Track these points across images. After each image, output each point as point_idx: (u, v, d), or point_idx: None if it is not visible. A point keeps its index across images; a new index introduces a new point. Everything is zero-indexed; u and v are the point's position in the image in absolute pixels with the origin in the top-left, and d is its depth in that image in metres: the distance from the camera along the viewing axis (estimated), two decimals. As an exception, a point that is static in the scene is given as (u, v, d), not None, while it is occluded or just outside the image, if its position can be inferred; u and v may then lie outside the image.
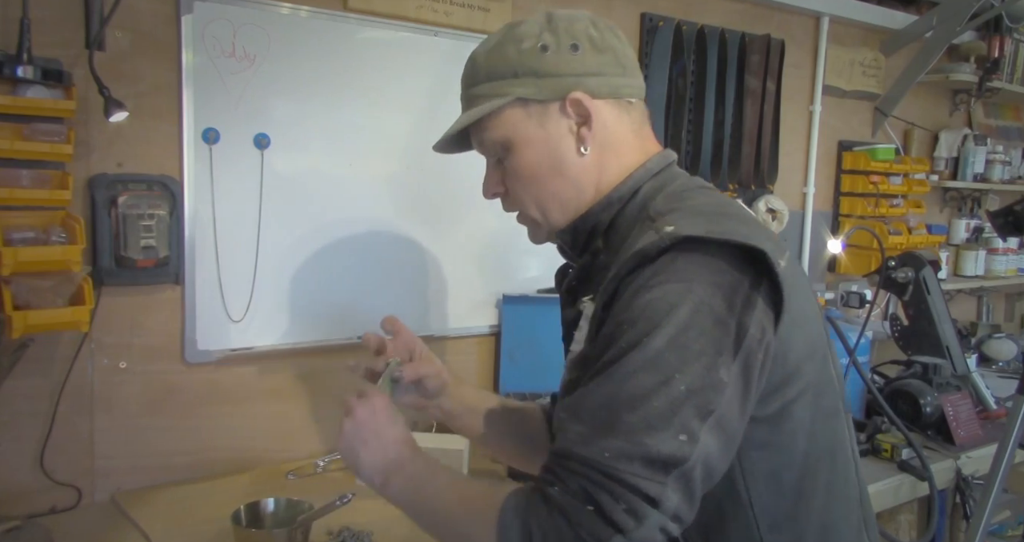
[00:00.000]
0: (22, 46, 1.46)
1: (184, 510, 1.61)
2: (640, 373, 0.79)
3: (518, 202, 1.03)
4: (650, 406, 0.77)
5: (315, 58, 1.84)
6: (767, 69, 2.63)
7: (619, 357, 0.81)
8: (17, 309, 1.43)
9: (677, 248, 0.84)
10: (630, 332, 0.81)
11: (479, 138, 1.03)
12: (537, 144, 0.98)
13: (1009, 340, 3.02)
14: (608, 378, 0.80)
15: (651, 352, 0.79)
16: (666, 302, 0.81)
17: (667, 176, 0.99)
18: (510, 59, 0.97)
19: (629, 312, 0.82)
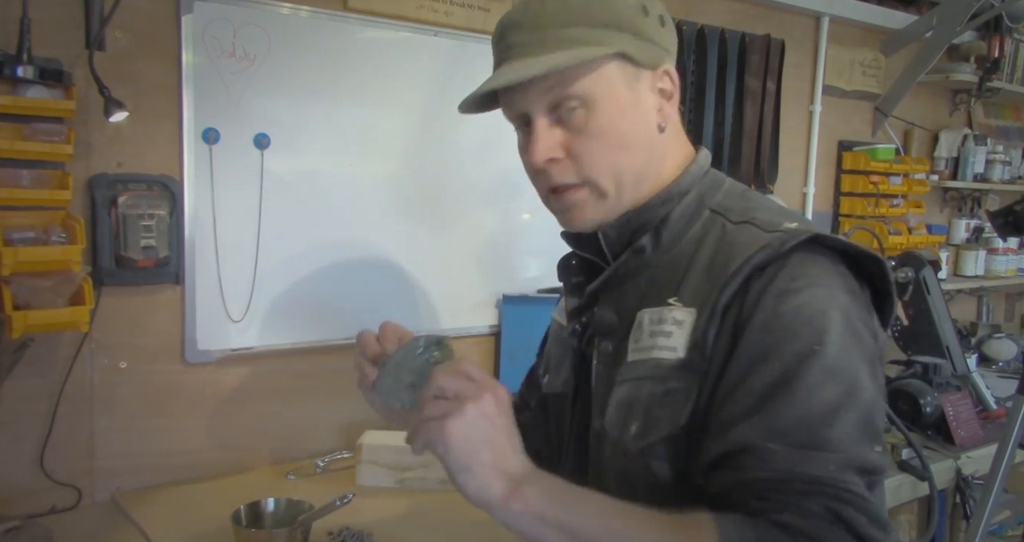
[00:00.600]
0: (22, 46, 1.46)
1: (184, 510, 1.61)
2: (824, 385, 0.75)
3: (588, 168, 0.87)
4: (846, 421, 0.75)
5: (315, 58, 1.84)
6: (767, 69, 2.63)
7: (794, 370, 0.75)
8: (17, 309, 1.43)
9: (802, 248, 0.81)
10: (794, 342, 0.77)
11: (549, 88, 0.85)
12: (626, 108, 0.87)
13: (1009, 340, 3.02)
14: (791, 395, 0.75)
15: (828, 361, 0.76)
16: (817, 308, 0.78)
17: (715, 174, 0.95)
18: (616, 9, 0.86)
19: (780, 319, 0.78)
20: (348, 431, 1.94)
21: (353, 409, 1.98)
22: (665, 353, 0.84)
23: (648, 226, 0.91)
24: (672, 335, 0.84)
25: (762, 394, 0.76)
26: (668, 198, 0.90)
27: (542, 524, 0.73)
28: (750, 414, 0.76)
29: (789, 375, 0.76)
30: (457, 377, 0.78)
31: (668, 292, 0.87)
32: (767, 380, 0.76)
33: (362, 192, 1.95)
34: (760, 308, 0.79)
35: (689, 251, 0.88)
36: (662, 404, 0.83)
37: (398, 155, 1.98)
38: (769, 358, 0.77)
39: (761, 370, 0.77)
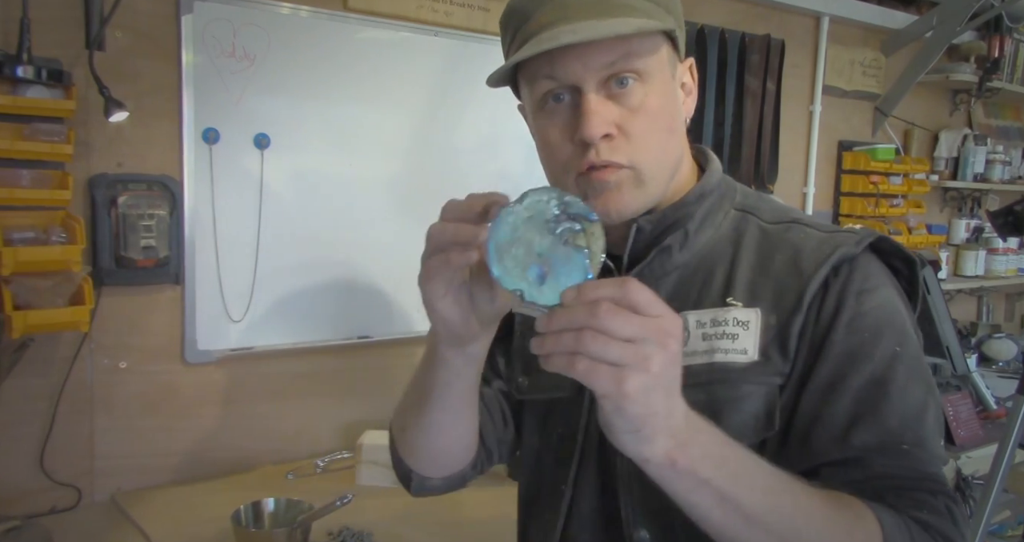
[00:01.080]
0: (22, 46, 1.46)
1: (184, 510, 1.61)
2: (910, 385, 0.78)
3: (641, 149, 0.79)
4: (931, 418, 0.78)
5: (315, 58, 1.84)
6: (767, 69, 2.63)
7: (884, 371, 0.77)
8: (17, 309, 1.43)
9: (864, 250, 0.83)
10: (879, 342, 0.78)
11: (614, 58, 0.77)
12: (670, 93, 0.82)
13: (1009, 340, 3.02)
14: (888, 396, 0.77)
15: (909, 361, 0.78)
16: (892, 308, 0.80)
17: (727, 176, 0.93)
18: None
19: (864, 319, 0.79)
20: (348, 431, 1.94)
21: (353, 409, 1.99)
22: (734, 356, 0.81)
23: (679, 224, 0.86)
24: (738, 337, 0.81)
25: (864, 398, 0.77)
26: (701, 195, 0.87)
27: (702, 488, 0.64)
28: (859, 418, 0.77)
29: (882, 377, 0.77)
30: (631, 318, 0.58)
31: (714, 293, 0.84)
32: (863, 383, 0.77)
33: (362, 192, 1.95)
34: (844, 307, 0.79)
35: (726, 250, 0.86)
36: (738, 411, 0.80)
37: (398, 155, 1.98)
38: (861, 360, 0.78)
39: (856, 373, 0.78)
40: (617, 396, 0.58)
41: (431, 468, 0.95)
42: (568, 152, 0.80)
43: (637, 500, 0.86)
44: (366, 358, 2.01)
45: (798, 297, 0.80)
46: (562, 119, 0.80)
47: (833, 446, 0.77)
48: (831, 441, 0.77)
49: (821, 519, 0.69)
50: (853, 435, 0.76)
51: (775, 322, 0.80)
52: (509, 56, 0.83)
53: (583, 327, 0.57)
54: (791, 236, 0.84)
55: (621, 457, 0.84)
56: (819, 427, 0.78)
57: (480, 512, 1.58)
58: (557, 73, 0.78)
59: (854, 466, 0.77)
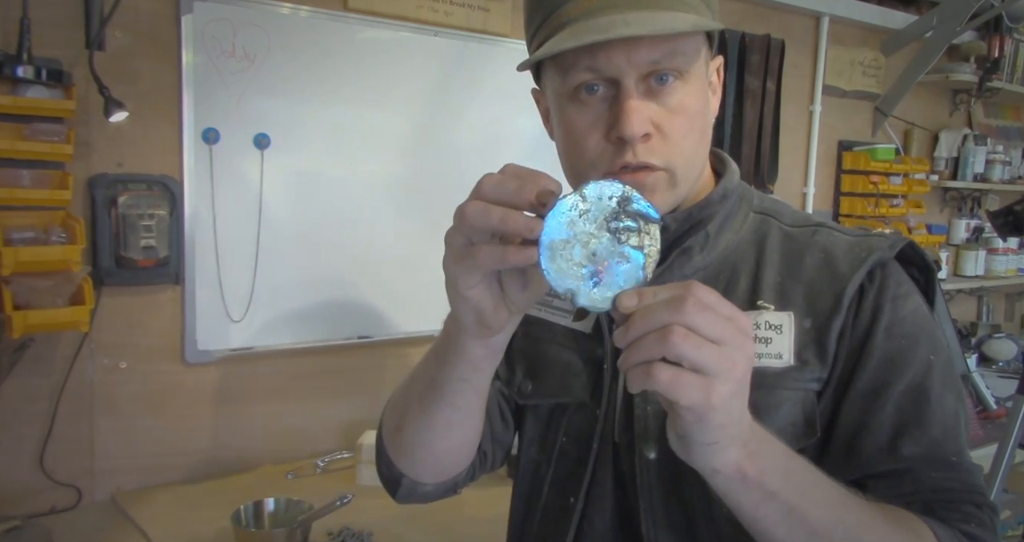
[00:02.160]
0: (22, 46, 1.46)
1: (184, 510, 1.61)
2: (946, 394, 0.77)
3: (677, 151, 0.76)
4: (960, 427, 0.78)
5: (315, 58, 1.84)
6: (767, 69, 2.63)
7: (922, 380, 0.77)
8: (17, 309, 1.43)
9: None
10: (917, 349, 0.78)
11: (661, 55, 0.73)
12: (704, 93, 0.79)
13: (1009, 340, 3.02)
14: (929, 405, 0.76)
15: (944, 369, 0.78)
16: (925, 315, 0.81)
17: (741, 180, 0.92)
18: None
19: (901, 325, 0.79)
20: (348, 431, 1.94)
21: (353, 409, 1.99)
22: (769, 361, 0.78)
23: (702, 225, 0.84)
24: (772, 341, 0.79)
25: (904, 406, 0.77)
26: (725, 195, 0.85)
27: (769, 501, 0.62)
28: (904, 428, 0.76)
29: (922, 384, 0.77)
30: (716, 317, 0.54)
31: (739, 296, 0.81)
32: (903, 390, 0.77)
33: (362, 192, 1.95)
34: (882, 312, 0.79)
35: (749, 253, 0.83)
36: (775, 417, 0.77)
37: (398, 155, 1.98)
38: (902, 365, 0.77)
39: (897, 380, 0.77)
40: (704, 407, 0.54)
41: (427, 473, 0.87)
42: (599, 148, 0.75)
43: (659, 511, 0.82)
44: (366, 358, 2.01)
45: (836, 299, 0.79)
46: (595, 113, 0.75)
47: (882, 456, 0.76)
48: (879, 451, 0.76)
49: (882, 533, 0.68)
50: (902, 445, 0.75)
51: (810, 326, 0.79)
52: (538, 37, 0.77)
53: (669, 324, 0.53)
54: (820, 239, 0.84)
55: (642, 466, 0.82)
56: (865, 436, 0.76)
57: (480, 512, 1.58)
58: (599, 65, 0.73)
59: (903, 478, 0.76)
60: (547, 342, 0.92)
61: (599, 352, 0.87)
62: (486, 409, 0.89)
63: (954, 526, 0.74)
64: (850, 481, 0.73)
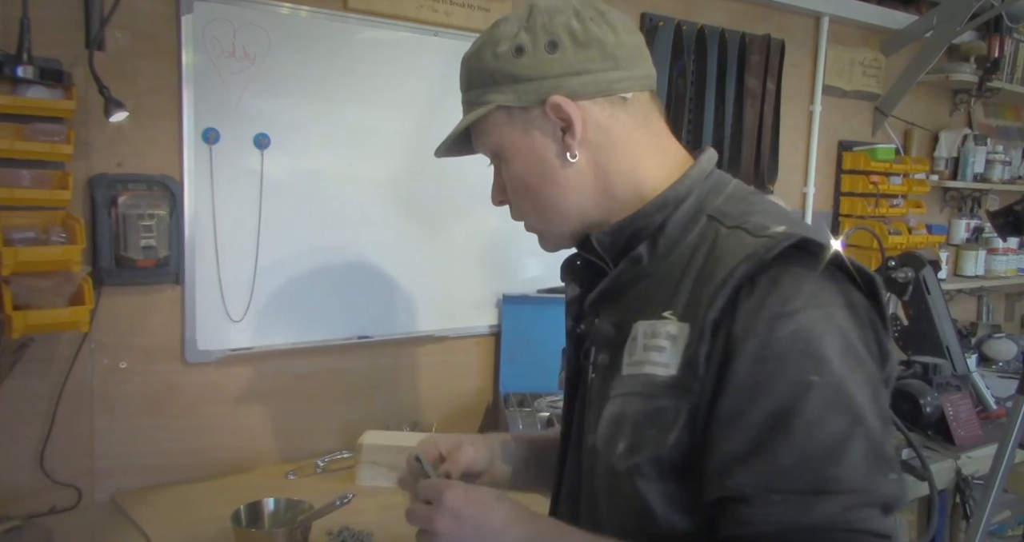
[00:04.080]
0: (22, 46, 1.46)
1: (184, 510, 1.61)
2: (826, 419, 0.71)
3: (516, 212, 0.97)
4: (854, 454, 0.71)
5: (315, 58, 1.84)
6: (767, 69, 2.63)
7: (792, 403, 0.72)
8: (17, 309, 1.43)
9: (793, 260, 0.76)
10: (789, 372, 0.72)
11: (477, 145, 0.97)
12: (524, 152, 0.90)
13: (1009, 340, 3.02)
14: (789, 432, 0.71)
15: (828, 392, 0.72)
16: (813, 332, 0.73)
17: (718, 177, 0.90)
18: (488, 65, 0.89)
19: (773, 347, 0.73)
20: (348, 431, 1.94)
21: (353, 409, 1.99)
22: (658, 369, 0.80)
23: (644, 233, 0.87)
24: (665, 350, 0.80)
25: (759, 434, 0.73)
26: (663, 204, 0.87)
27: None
28: (748, 457, 0.73)
29: (787, 411, 0.72)
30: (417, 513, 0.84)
31: (663, 304, 0.82)
32: (763, 417, 0.73)
33: (362, 192, 1.95)
34: (752, 334, 0.74)
35: (684, 260, 0.84)
36: (651, 423, 0.79)
37: (398, 155, 1.98)
38: (764, 392, 0.73)
39: (756, 406, 0.73)
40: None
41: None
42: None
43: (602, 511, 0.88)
44: (366, 358, 2.01)
45: (703, 316, 0.77)
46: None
47: (714, 483, 0.75)
48: (715, 477, 0.75)
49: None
50: (733, 474, 0.73)
51: (695, 339, 0.77)
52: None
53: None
54: (729, 242, 0.80)
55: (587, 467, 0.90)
56: (711, 461, 0.75)
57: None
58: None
59: (732, 516, 0.74)
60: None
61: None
62: None
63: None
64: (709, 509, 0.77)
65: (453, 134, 0.95)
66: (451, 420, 2.14)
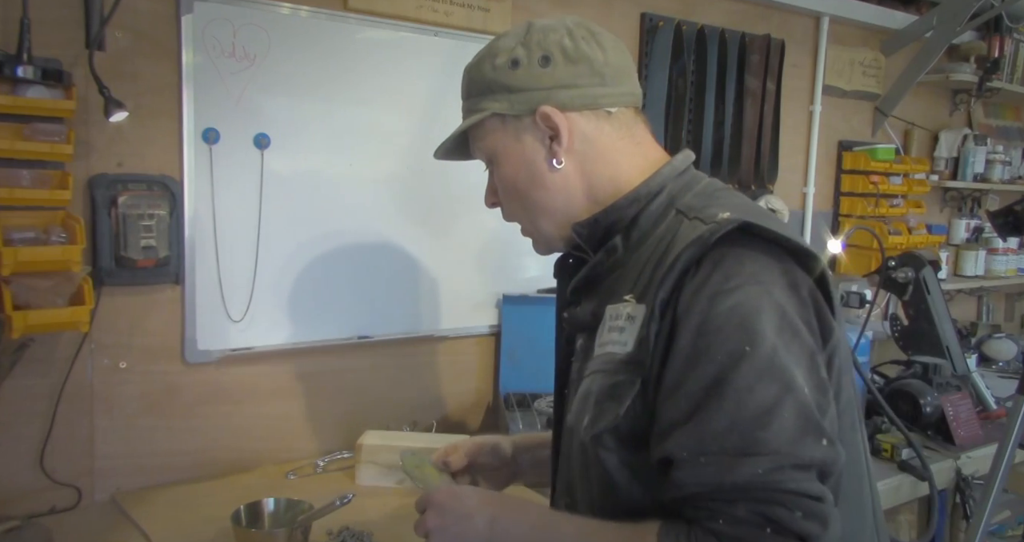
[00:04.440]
0: (22, 46, 1.46)
1: (184, 510, 1.61)
2: (758, 386, 0.76)
3: (508, 214, 1.05)
4: (783, 417, 0.76)
5: (315, 58, 1.84)
6: (767, 69, 2.63)
7: (725, 372, 0.77)
8: (17, 309, 1.43)
9: (738, 243, 0.82)
10: (725, 343, 0.78)
11: (473, 149, 1.05)
12: (515, 157, 0.99)
13: (1009, 340, 3.02)
14: (721, 398, 0.77)
15: (761, 361, 0.77)
16: (750, 307, 0.79)
17: (692, 176, 0.98)
18: (486, 75, 0.98)
19: (713, 321, 0.79)
20: (348, 431, 1.94)
21: (353, 409, 1.99)
22: (617, 347, 0.88)
23: (619, 226, 0.96)
24: (624, 330, 0.88)
25: (695, 400, 0.78)
26: (635, 199, 0.95)
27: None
28: (684, 422, 0.79)
29: (721, 379, 0.77)
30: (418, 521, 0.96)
31: (627, 289, 0.91)
32: (700, 385, 0.78)
33: (362, 192, 1.95)
34: (693, 310, 0.81)
35: (652, 250, 0.91)
36: (610, 396, 0.87)
37: (398, 155, 1.98)
38: (701, 362, 0.79)
39: (694, 375, 0.79)
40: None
41: None
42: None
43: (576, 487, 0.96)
44: (366, 358, 2.01)
45: (654, 296, 0.84)
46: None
47: (654, 446, 0.81)
48: (654, 441, 0.82)
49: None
50: (669, 438, 0.80)
51: (647, 319, 0.85)
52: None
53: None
54: (682, 229, 0.88)
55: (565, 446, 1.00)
56: (654, 427, 0.82)
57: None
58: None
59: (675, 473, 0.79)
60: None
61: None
62: None
63: (699, 525, 0.78)
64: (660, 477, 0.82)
65: (451, 138, 1.03)
66: (451, 420, 2.14)
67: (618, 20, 2.36)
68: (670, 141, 2.48)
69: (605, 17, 2.32)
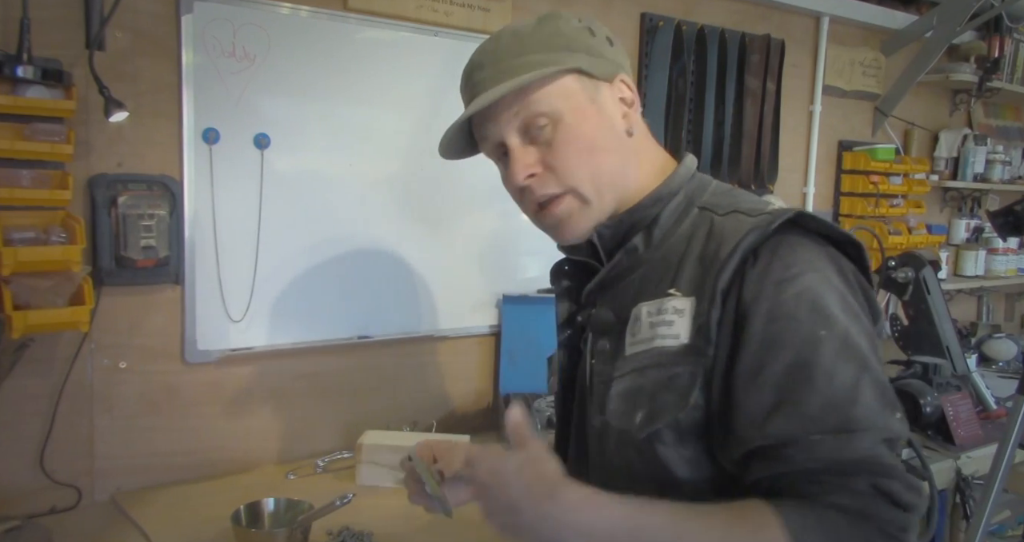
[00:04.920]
0: (22, 46, 1.46)
1: (184, 510, 1.61)
2: (839, 366, 0.79)
3: (567, 174, 0.92)
4: (867, 395, 0.79)
5: (315, 58, 1.84)
6: (767, 69, 2.63)
7: (806, 356, 0.80)
8: (17, 309, 1.43)
9: (788, 232, 0.85)
10: (800, 329, 0.81)
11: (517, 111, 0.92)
12: (592, 117, 0.94)
13: (1009, 340, 3.02)
14: (812, 381, 0.79)
15: (836, 343, 0.80)
16: (816, 292, 0.82)
17: (701, 177, 1.00)
18: (564, 34, 0.94)
19: (782, 307, 0.81)
20: (348, 431, 1.94)
21: (353, 409, 1.99)
22: (668, 341, 0.88)
23: (639, 226, 0.96)
24: (674, 323, 0.88)
25: (782, 385, 0.80)
26: (658, 198, 0.95)
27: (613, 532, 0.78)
28: (779, 406, 0.80)
29: (805, 362, 0.80)
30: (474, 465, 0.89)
31: (665, 285, 0.90)
32: (782, 370, 0.80)
33: (362, 192, 1.95)
34: (762, 297, 0.82)
35: (680, 247, 0.92)
36: (668, 389, 0.86)
37: (398, 155, 1.98)
38: (777, 348, 0.81)
39: (775, 361, 0.81)
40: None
41: None
42: (519, 198, 0.97)
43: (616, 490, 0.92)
44: (366, 358, 2.01)
45: (713, 286, 0.85)
46: (505, 170, 0.96)
47: (751, 433, 0.81)
48: (750, 429, 0.81)
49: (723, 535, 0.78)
50: (770, 423, 0.80)
51: (704, 308, 0.85)
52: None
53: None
54: (726, 223, 0.89)
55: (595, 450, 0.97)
56: (740, 415, 0.82)
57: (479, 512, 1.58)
58: (486, 135, 0.96)
59: (776, 455, 0.80)
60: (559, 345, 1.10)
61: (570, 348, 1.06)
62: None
63: (820, 502, 0.78)
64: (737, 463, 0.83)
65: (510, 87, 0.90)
66: (451, 420, 2.14)
67: (618, 20, 2.36)
68: (670, 141, 2.48)
69: (605, 17, 2.32)
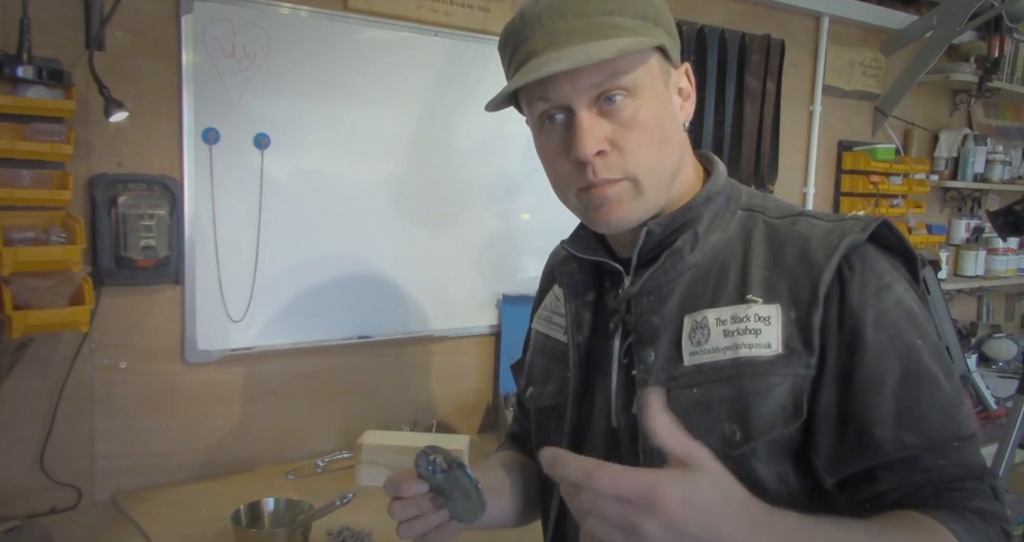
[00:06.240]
0: (22, 46, 1.46)
1: (184, 510, 1.61)
2: (939, 376, 0.80)
3: (634, 162, 0.84)
4: (957, 404, 0.80)
5: (315, 58, 1.84)
6: (767, 69, 2.63)
7: (915, 366, 0.80)
8: (17, 309, 1.43)
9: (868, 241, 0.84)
10: (904, 337, 0.80)
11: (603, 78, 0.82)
12: (664, 103, 0.86)
13: (1009, 340, 3.02)
14: (922, 390, 0.79)
15: (931, 351, 0.81)
16: (908, 302, 0.82)
17: (732, 180, 0.95)
18: (654, 4, 0.85)
19: (887, 316, 0.81)
20: (348, 431, 1.94)
21: (353, 409, 1.99)
22: (759, 350, 0.82)
23: (688, 226, 0.89)
24: (761, 332, 0.82)
25: (901, 393, 0.79)
26: (709, 197, 0.90)
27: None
28: (903, 416, 0.79)
29: (914, 372, 0.79)
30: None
31: (729, 291, 0.85)
32: (898, 379, 0.79)
33: (362, 192, 1.95)
34: (868, 305, 0.81)
35: (737, 249, 0.87)
36: (766, 401, 0.81)
37: (398, 155, 1.98)
38: (894, 358, 0.80)
39: (891, 370, 0.80)
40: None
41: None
42: (567, 170, 0.85)
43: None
44: (366, 358, 2.01)
45: (812, 290, 0.81)
46: (558, 137, 0.85)
47: (890, 446, 0.79)
48: (885, 441, 0.79)
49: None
50: (904, 435, 0.78)
51: (795, 316, 0.82)
52: (508, 78, 0.89)
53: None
54: (799, 228, 0.86)
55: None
56: (873, 427, 0.79)
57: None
58: (550, 95, 0.83)
59: (910, 467, 0.79)
60: (544, 353, 1.03)
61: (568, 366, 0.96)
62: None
63: (963, 508, 0.78)
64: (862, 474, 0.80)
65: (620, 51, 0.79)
66: (451, 420, 2.14)
67: (618, 20, 2.36)
68: (670, 141, 2.48)
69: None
